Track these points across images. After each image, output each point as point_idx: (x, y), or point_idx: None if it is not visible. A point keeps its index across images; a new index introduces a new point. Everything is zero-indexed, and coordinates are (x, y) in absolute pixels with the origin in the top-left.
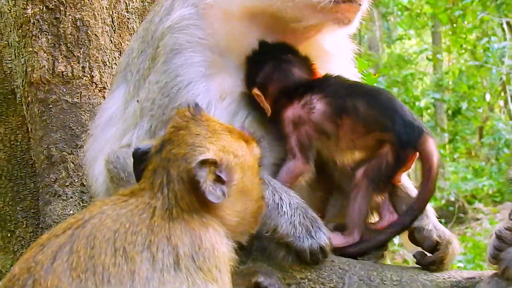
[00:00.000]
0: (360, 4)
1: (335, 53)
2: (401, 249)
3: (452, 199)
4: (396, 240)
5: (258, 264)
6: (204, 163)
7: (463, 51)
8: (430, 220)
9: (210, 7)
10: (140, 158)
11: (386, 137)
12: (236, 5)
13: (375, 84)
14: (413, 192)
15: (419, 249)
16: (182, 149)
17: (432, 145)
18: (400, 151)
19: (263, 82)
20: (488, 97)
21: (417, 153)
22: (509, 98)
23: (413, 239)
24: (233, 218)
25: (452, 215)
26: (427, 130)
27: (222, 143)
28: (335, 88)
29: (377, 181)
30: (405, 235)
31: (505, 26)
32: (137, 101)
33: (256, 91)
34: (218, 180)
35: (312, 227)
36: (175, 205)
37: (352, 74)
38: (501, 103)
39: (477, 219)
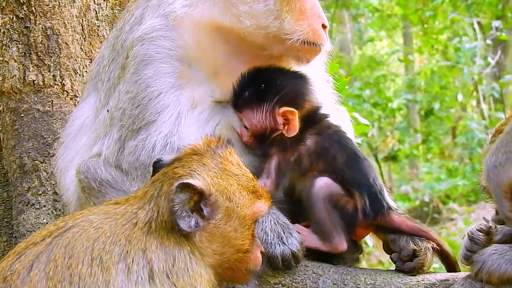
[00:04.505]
0: (321, 49)
1: None
2: (376, 251)
3: (427, 199)
4: (370, 242)
5: None
6: (187, 187)
7: (434, 51)
8: None
9: (181, 18)
10: (159, 170)
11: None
12: (206, 18)
13: (346, 87)
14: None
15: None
16: (182, 171)
17: (397, 217)
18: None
19: (291, 99)
20: (460, 97)
21: (369, 230)
22: (481, 98)
23: (388, 250)
24: (210, 254)
25: (426, 215)
26: (393, 206)
27: (221, 182)
28: (328, 133)
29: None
30: (379, 242)
31: (476, 26)
32: (107, 110)
33: (285, 109)
34: (198, 211)
35: (284, 233)
36: (155, 219)
37: (323, 78)
38: (474, 102)
39: (452, 219)
